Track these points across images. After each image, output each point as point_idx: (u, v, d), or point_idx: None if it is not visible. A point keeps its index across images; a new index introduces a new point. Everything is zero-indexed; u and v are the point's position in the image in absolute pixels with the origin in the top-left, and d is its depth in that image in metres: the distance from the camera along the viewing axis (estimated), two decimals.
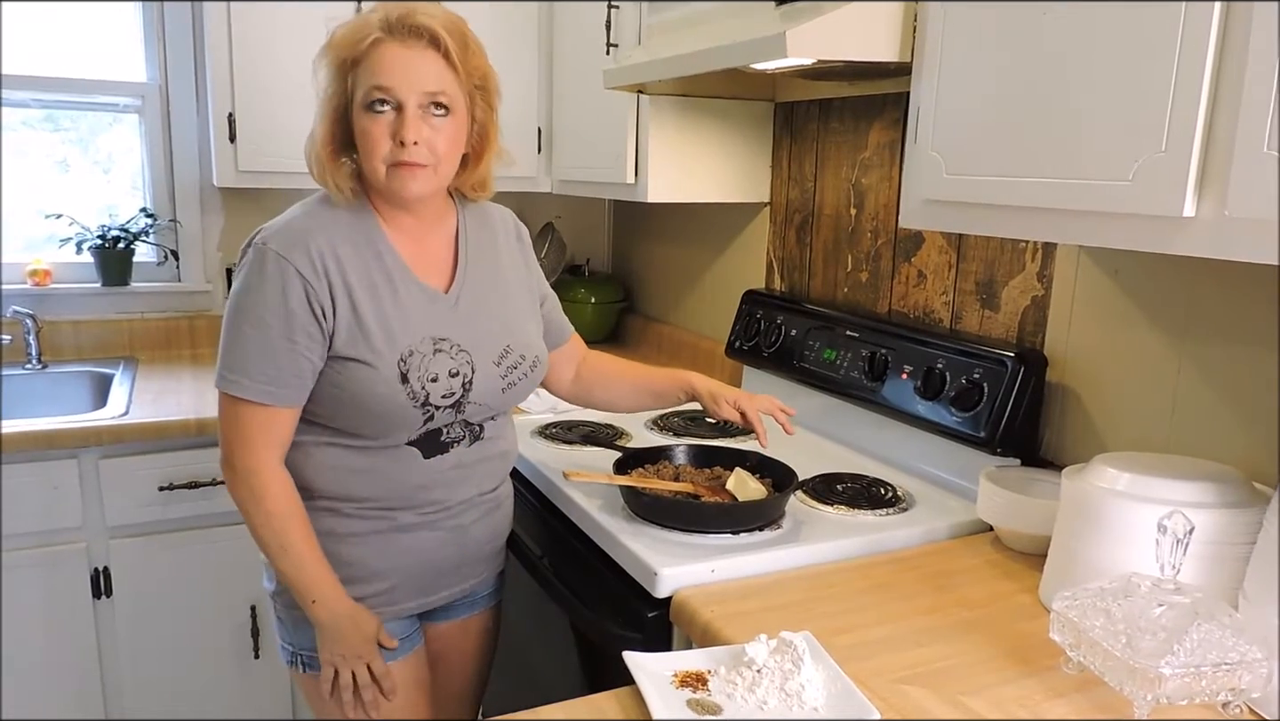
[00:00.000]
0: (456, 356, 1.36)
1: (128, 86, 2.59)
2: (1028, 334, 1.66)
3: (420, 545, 1.42)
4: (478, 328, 1.40)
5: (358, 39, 1.26)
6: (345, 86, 1.30)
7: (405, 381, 1.31)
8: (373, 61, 1.26)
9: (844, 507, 1.56)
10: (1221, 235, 0.95)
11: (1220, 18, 0.93)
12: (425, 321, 1.35)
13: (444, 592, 1.49)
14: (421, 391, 1.33)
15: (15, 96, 2.49)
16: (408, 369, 1.31)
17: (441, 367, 1.35)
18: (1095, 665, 1.02)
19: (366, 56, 1.26)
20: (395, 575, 1.41)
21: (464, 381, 1.37)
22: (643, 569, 1.35)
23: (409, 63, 1.25)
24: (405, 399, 1.31)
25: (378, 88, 1.25)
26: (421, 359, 1.33)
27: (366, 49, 1.26)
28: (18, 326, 2.45)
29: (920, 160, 1.33)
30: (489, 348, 1.41)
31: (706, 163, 2.24)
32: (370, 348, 1.30)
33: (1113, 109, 1.04)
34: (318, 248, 1.30)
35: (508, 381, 1.42)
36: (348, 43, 1.28)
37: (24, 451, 1.97)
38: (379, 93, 1.25)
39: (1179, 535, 1.00)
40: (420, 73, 1.26)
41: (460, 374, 1.37)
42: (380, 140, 1.27)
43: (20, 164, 2.55)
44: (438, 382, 1.34)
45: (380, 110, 1.26)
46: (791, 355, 2.08)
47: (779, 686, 1.02)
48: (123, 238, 2.55)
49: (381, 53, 1.25)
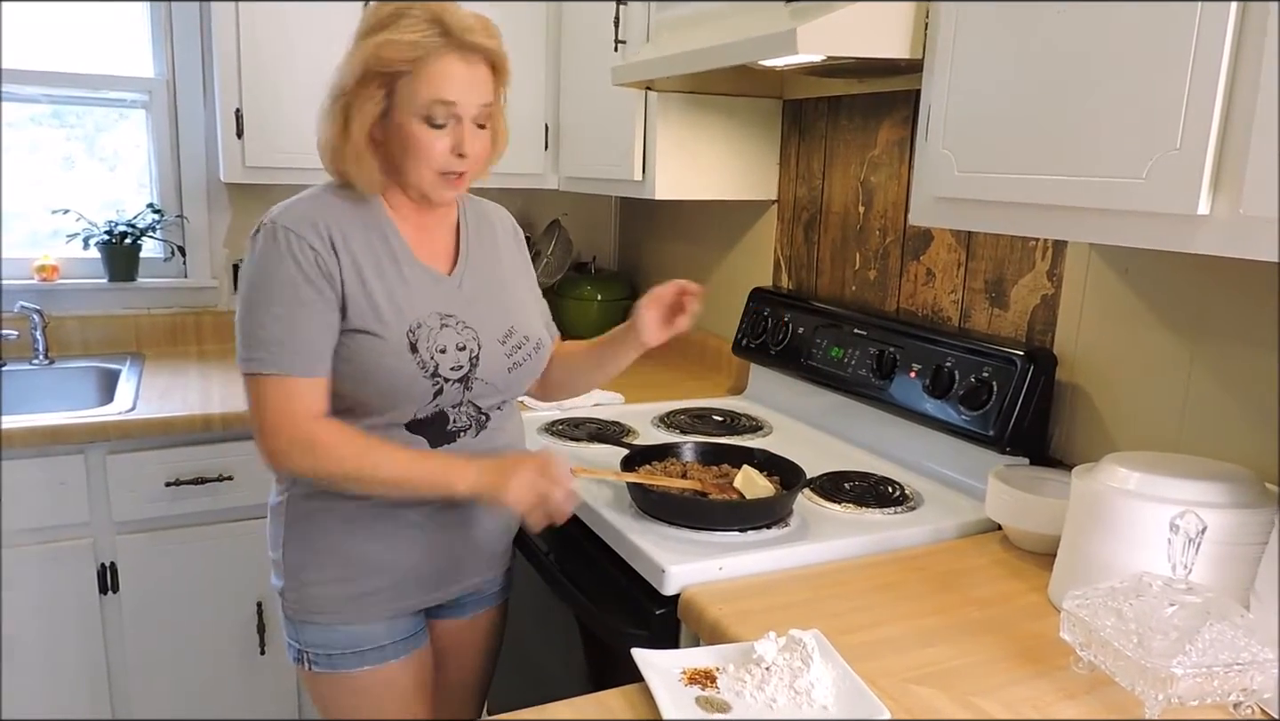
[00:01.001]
0: (463, 332, 1.38)
1: (135, 82, 2.59)
2: (1037, 333, 1.65)
3: (428, 540, 1.42)
4: (481, 309, 1.42)
5: (417, 50, 1.26)
6: (391, 90, 1.29)
7: (414, 351, 1.33)
8: (435, 74, 1.27)
9: (852, 506, 1.56)
10: (1236, 234, 0.95)
11: (1236, 15, 0.92)
12: (431, 299, 1.37)
13: (452, 588, 1.49)
14: (430, 361, 1.34)
15: (24, 91, 2.49)
16: (416, 339, 1.33)
17: (449, 340, 1.36)
18: (1106, 665, 1.01)
19: (426, 67, 1.26)
20: (402, 570, 1.41)
21: (471, 356, 1.38)
22: (651, 566, 1.35)
23: (471, 80, 1.29)
24: (415, 368, 1.32)
25: (442, 102, 1.28)
26: (429, 331, 1.34)
27: (427, 60, 1.26)
28: (25, 322, 2.45)
29: (931, 157, 1.33)
30: (493, 327, 1.42)
31: (714, 160, 2.23)
32: (378, 319, 1.31)
33: (1127, 106, 1.03)
34: (325, 224, 1.31)
35: (513, 361, 1.43)
36: (402, 50, 1.26)
37: (31, 447, 1.98)
38: (443, 107, 1.28)
39: (1191, 535, 1.00)
40: (479, 90, 1.30)
41: (468, 348, 1.38)
42: (439, 152, 1.30)
43: (27, 160, 2.55)
44: (446, 354, 1.35)
45: (441, 124, 1.29)
46: (799, 353, 2.07)
47: (788, 684, 1.02)
48: (130, 233, 2.55)
49: (444, 67, 1.27)
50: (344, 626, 1.40)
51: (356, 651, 1.41)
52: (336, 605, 1.39)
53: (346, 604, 1.40)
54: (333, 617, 1.40)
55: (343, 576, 1.39)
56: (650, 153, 2.18)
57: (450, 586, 1.49)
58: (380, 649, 1.42)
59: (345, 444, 1.29)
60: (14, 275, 2.52)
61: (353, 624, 1.40)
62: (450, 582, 1.48)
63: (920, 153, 1.37)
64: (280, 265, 1.28)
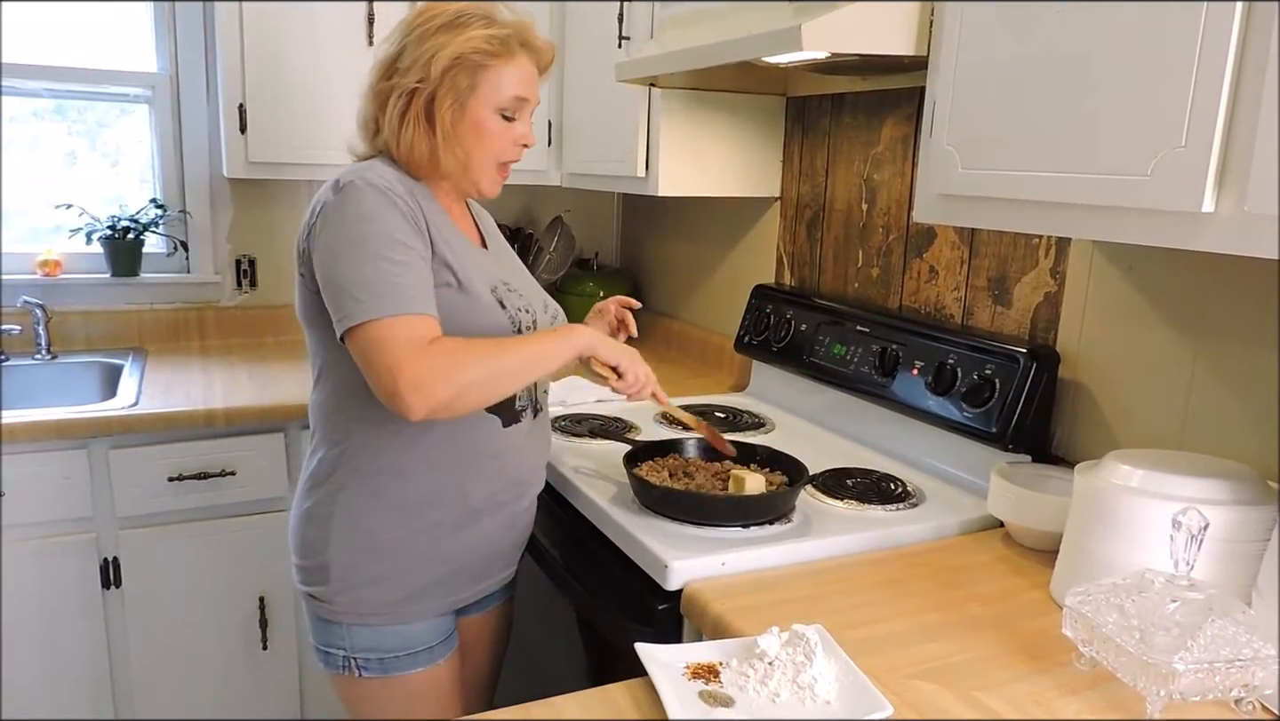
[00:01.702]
0: (521, 298, 1.44)
1: (138, 77, 2.59)
2: (1040, 330, 1.66)
3: (483, 531, 1.44)
4: (518, 280, 1.48)
5: (508, 47, 1.35)
6: (474, 83, 1.34)
7: (503, 308, 1.38)
8: (515, 71, 1.37)
9: (854, 502, 1.56)
10: (1241, 231, 0.95)
11: (1242, 11, 0.92)
12: (487, 267, 1.43)
13: (490, 581, 1.51)
14: (518, 316, 1.40)
15: (27, 86, 2.49)
16: (500, 298, 1.39)
17: (519, 303, 1.42)
18: (1108, 661, 1.02)
19: (511, 63, 1.36)
20: (457, 560, 1.42)
21: (534, 321, 1.44)
22: (654, 561, 1.35)
23: (537, 79, 1.42)
24: (508, 324, 1.37)
25: (521, 99, 1.38)
26: (505, 292, 1.41)
27: (514, 57, 1.36)
28: (28, 316, 2.46)
29: (935, 154, 1.33)
30: (535, 296, 1.50)
31: (717, 157, 2.23)
32: (468, 277, 1.35)
33: (1132, 103, 1.03)
34: (405, 187, 1.34)
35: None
36: (495, 45, 1.34)
37: (34, 441, 1.98)
38: (519, 104, 1.38)
39: (1194, 531, 1.00)
40: (538, 89, 1.43)
41: (530, 311, 1.44)
42: (507, 143, 1.39)
43: (29, 155, 2.55)
44: (522, 315, 1.41)
45: (513, 117, 1.39)
46: (801, 350, 2.08)
47: (791, 679, 1.02)
48: (132, 228, 2.56)
49: (522, 65, 1.38)
50: (398, 627, 1.40)
51: (410, 653, 1.41)
52: (391, 605, 1.39)
53: (401, 603, 1.39)
54: (387, 618, 1.39)
55: (400, 573, 1.38)
56: (654, 149, 2.18)
57: (490, 578, 1.51)
58: (430, 649, 1.42)
59: (473, 343, 1.27)
60: (17, 270, 2.52)
61: (408, 622, 1.40)
62: (492, 574, 1.50)
63: (924, 150, 1.37)
64: (381, 213, 1.27)
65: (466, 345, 1.25)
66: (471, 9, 1.35)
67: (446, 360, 1.22)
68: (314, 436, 1.43)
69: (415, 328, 1.22)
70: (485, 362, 1.25)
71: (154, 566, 2.13)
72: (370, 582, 1.38)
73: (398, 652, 1.40)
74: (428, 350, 1.21)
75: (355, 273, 1.24)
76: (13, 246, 2.53)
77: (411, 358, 1.20)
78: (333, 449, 1.39)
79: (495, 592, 1.57)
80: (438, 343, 1.23)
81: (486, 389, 1.28)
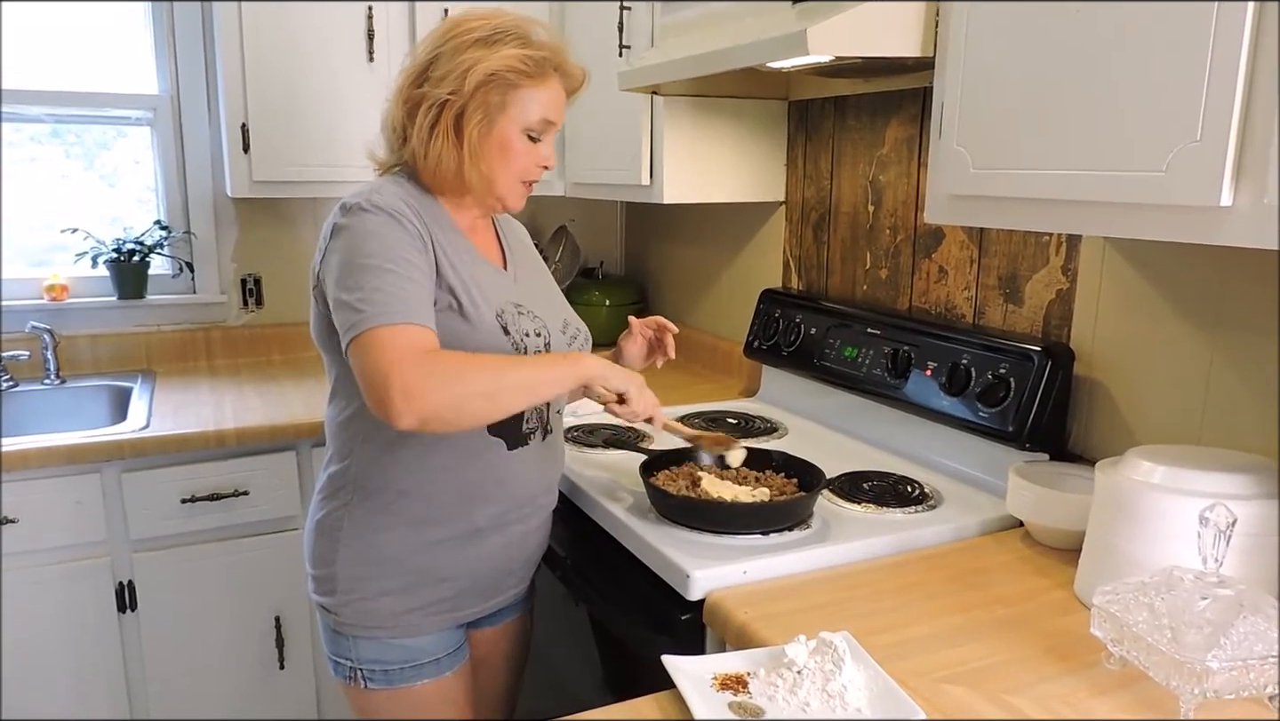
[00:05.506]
0: (534, 321, 1.42)
1: (140, 99, 2.59)
2: (1053, 328, 1.65)
3: (489, 549, 1.43)
4: (539, 302, 1.47)
5: (544, 69, 1.36)
6: (490, 95, 1.33)
7: (506, 334, 1.36)
8: (546, 94, 1.37)
9: (872, 506, 1.56)
10: (1260, 224, 0.94)
11: (1255, 4, 0.92)
12: (501, 289, 1.42)
13: (501, 596, 1.51)
14: (522, 342, 1.37)
15: (28, 112, 2.50)
16: (504, 323, 1.37)
17: (529, 326, 1.40)
18: (1139, 660, 1.01)
19: (543, 84, 1.36)
20: (466, 577, 1.42)
21: (545, 343, 1.42)
22: (675, 571, 1.34)
23: (564, 105, 1.43)
24: (510, 349, 1.36)
25: (549, 121, 1.38)
26: (513, 316, 1.39)
27: (546, 79, 1.37)
28: (36, 342, 2.45)
29: (945, 155, 1.33)
30: (554, 317, 1.48)
31: (721, 162, 2.23)
32: (471, 301, 1.34)
33: (1145, 99, 1.03)
34: (414, 207, 1.33)
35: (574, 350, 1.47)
36: (521, 64, 1.33)
37: (47, 467, 1.97)
38: (546, 125, 1.38)
39: (1221, 527, 0.99)
40: (564, 114, 1.45)
41: (542, 335, 1.42)
42: (530, 164, 1.39)
43: (26, 177, 2.54)
44: (529, 339, 1.39)
45: (538, 139, 1.39)
46: (811, 354, 2.07)
47: (821, 687, 1.01)
48: (138, 250, 2.56)
49: (553, 88, 1.39)
50: (402, 640, 1.40)
51: (415, 665, 1.41)
52: (396, 618, 1.39)
53: (406, 616, 1.39)
54: (391, 631, 1.39)
55: (406, 587, 1.39)
56: (658, 157, 2.18)
57: (500, 594, 1.50)
58: (436, 661, 1.42)
59: (474, 357, 1.26)
60: (24, 295, 2.52)
61: (413, 636, 1.40)
62: (502, 590, 1.50)
63: (933, 151, 1.37)
64: (387, 232, 1.27)
65: (466, 358, 1.25)
66: (508, 25, 1.34)
67: (442, 370, 1.20)
68: (329, 449, 1.45)
69: (414, 337, 1.22)
70: (483, 378, 1.24)
71: (169, 588, 2.13)
72: (375, 596, 1.39)
73: (402, 665, 1.40)
74: (423, 358, 1.21)
75: (359, 288, 1.25)
76: (20, 272, 2.54)
77: (405, 364, 1.18)
78: (343, 463, 1.41)
79: (510, 606, 1.57)
80: (436, 353, 1.23)
81: (483, 405, 1.24)
